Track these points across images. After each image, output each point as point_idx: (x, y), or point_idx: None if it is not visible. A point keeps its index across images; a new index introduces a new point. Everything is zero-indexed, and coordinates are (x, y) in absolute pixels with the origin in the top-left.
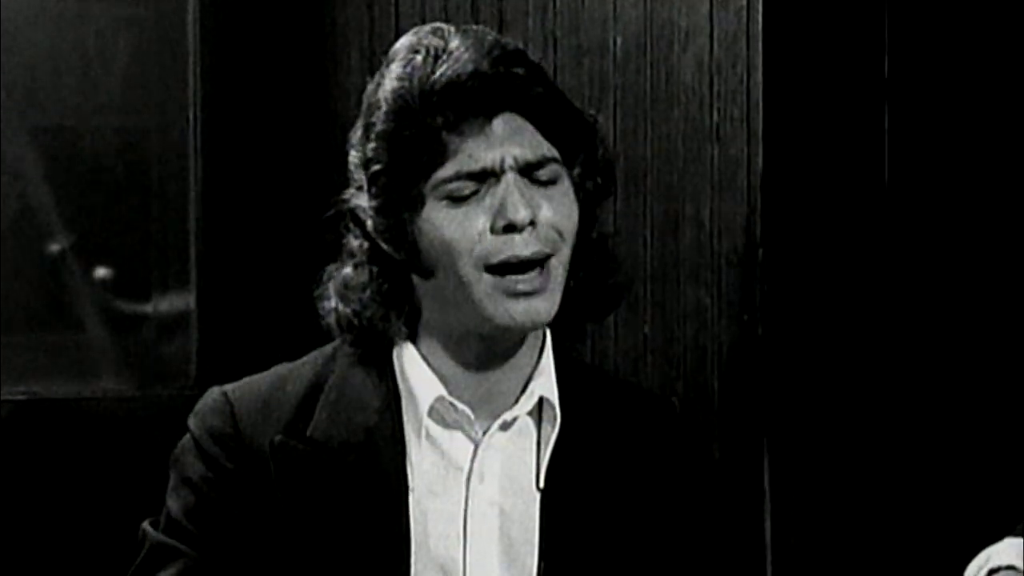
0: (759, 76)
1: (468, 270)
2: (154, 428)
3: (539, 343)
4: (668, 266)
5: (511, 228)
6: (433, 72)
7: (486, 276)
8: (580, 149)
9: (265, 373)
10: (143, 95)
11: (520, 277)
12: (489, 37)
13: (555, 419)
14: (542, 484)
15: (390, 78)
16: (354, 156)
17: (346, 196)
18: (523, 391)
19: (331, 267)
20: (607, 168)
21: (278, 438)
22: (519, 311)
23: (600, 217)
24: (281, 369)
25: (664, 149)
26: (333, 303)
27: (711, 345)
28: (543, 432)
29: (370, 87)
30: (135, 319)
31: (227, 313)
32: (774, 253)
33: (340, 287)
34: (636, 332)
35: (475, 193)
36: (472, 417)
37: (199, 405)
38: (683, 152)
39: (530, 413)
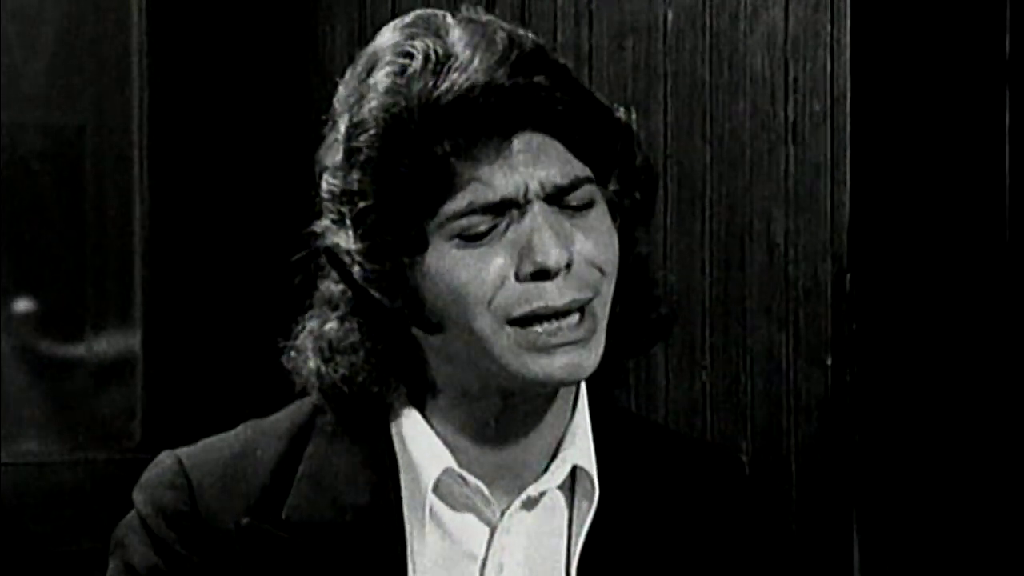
0: (846, 59)
1: (485, 323)
2: (89, 502)
3: (571, 396)
4: (732, 297)
5: (542, 275)
6: (435, 85)
7: (508, 329)
8: (615, 161)
9: (229, 434)
10: (75, 85)
11: (553, 327)
12: (500, 33)
13: (592, 492)
14: (575, 574)
15: (376, 91)
16: (330, 184)
17: (318, 229)
18: (552, 458)
19: (307, 319)
20: (648, 179)
21: (245, 520)
22: (556, 366)
23: (639, 237)
24: (249, 429)
25: (726, 152)
26: (313, 364)
27: (786, 396)
28: (577, 509)
29: (345, 93)
30: (65, 365)
31: (180, 358)
32: (865, 280)
33: (322, 347)
34: (692, 380)
35: (493, 229)
36: (487, 493)
37: (147, 475)
38: (750, 155)
39: (561, 486)
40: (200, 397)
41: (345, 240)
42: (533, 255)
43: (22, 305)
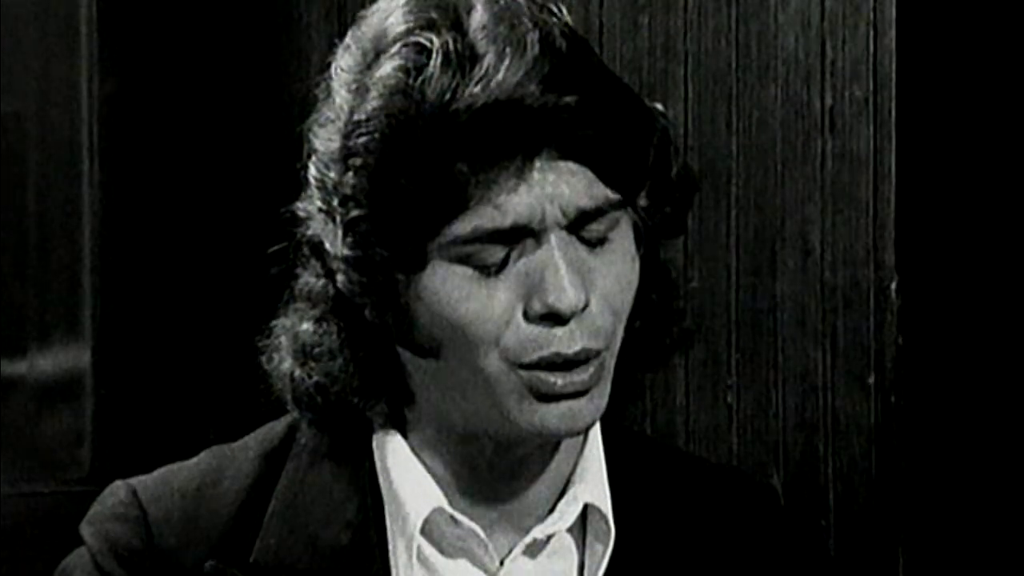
0: (890, 38)
1: (492, 363)
2: (31, 539)
3: None
4: (762, 308)
5: (554, 318)
6: (454, 94)
7: (516, 373)
8: (648, 177)
9: (190, 462)
10: (19, 72)
11: (561, 376)
12: (531, 31)
13: (608, 533)
14: None
15: (382, 87)
16: (322, 172)
17: (301, 212)
18: (560, 496)
19: (284, 314)
20: (683, 192)
21: (209, 563)
22: (555, 416)
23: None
24: (213, 457)
25: (755, 144)
26: (288, 366)
27: (823, 420)
28: (589, 552)
29: (345, 71)
30: (4, 385)
31: (134, 377)
32: (913, 289)
33: (296, 349)
34: (716, 401)
35: (503, 258)
36: (483, 537)
37: (96, 507)
38: (782, 148)
39: (570, 528)
40: (157, 421)
41: (332, 241)
42: (546, 295)
43: None
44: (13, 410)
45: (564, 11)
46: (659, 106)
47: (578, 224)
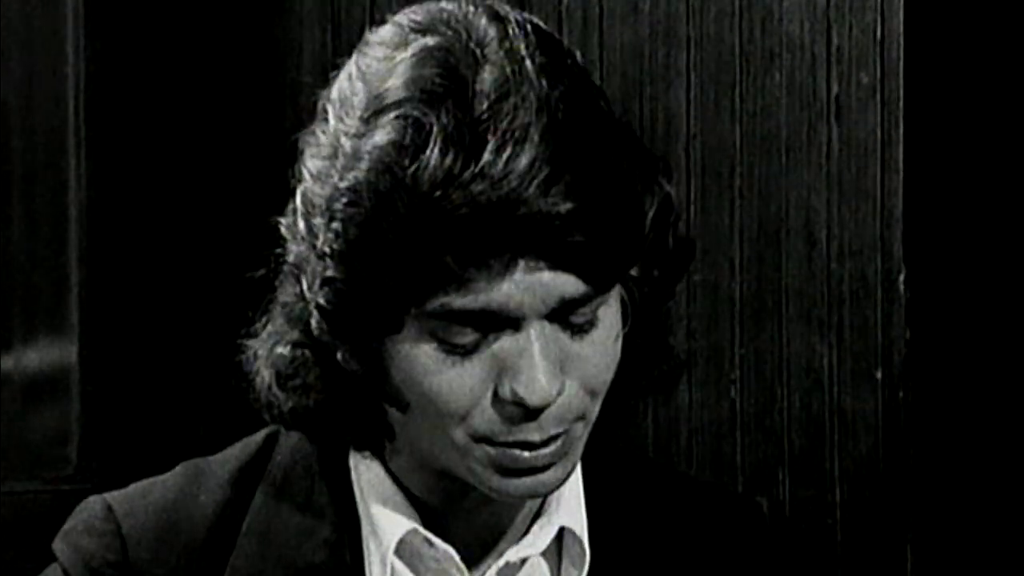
0: (897, 25)
1: (456, 433)
2: (15, 540)
3: None
4: (766, 301)
5: (525, 411)
6: (452, 182)
7: (481, 446)
8: (644, 249)
9: (165, 476)
10: (2, 60)
11: (528, 453)
12: (533, 127)
13: (583, 557)
14: None
15: (375, 154)
16: (306, 206)
17: (286, 231)
18: (535, 519)
19: (266, 322)
20: (678, 261)
21: None
22: (520, 486)
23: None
24: (189, 471)
25: (760, 133)
26: (265, 381)
27: (829, 416)
28: (563, 575)
29: (340, 127)
30: None
31: (122, 373)
32: (921, 281)
33: (272, 368)
34: (719, 397)
35: (477, 340)
36: (458, 560)
37: (70, 522)
38: (787, 137)
39: (546, 551)
40: (145, 418)
41: (309, 281)
42: (517, 385)
43: None
44: None
45: (576, 57)
46: (662, 177)
47: (562, 312)
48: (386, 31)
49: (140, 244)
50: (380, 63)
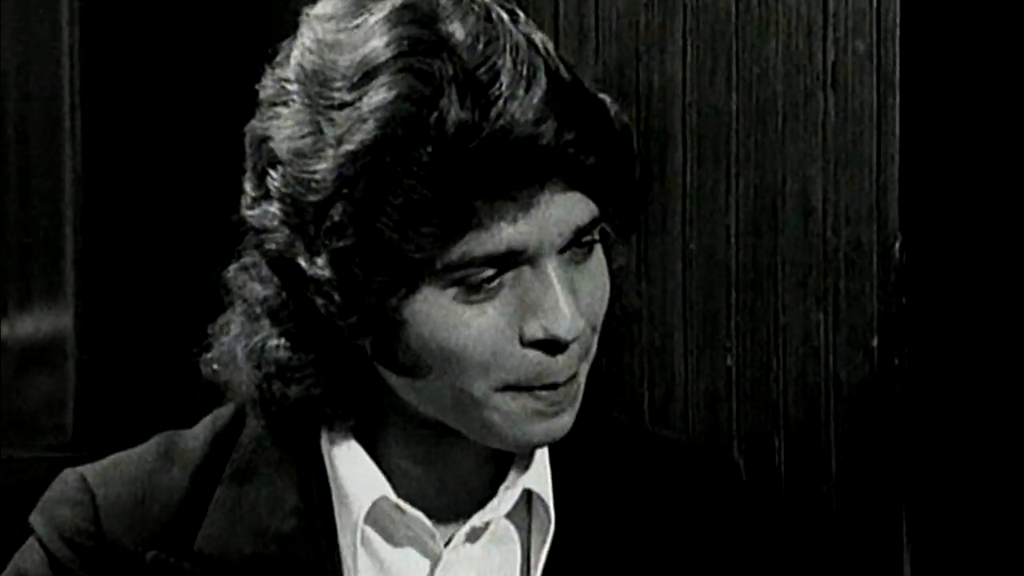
0: None
1: (478, 386)
2: (11, 507)
3: None
4: (762, 269)
5: (552, 345)
6: (476, 126)
7: (503, 395)
8: (635, 166)
9: (140, 448)
10: None
11: (548, 397)
12: (540, 70)
13: (548, 521)
14: None
15: (380, 112)
16: (292, 190)
17: (255, 223)
18: (501, 483)
19: (231, 322)
20: (640, 190)
21: (151, 553)
22: (538, 432)
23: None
24: (163, 443)
25: (755, 100)
26: (252, 377)
27: (825, 383)
28: (534, 538)
29: (320, 102)
30: None
31: (118, 340)
32: (918, 249)
33: (261, 361)
34: (715, 364)
35: (494, 279)
36: (428, 524)
37: (47, 494)
38: (783, 104)
39: (512, 513)
40: (140, 386)
41: (309, 262)
42: (546, 322)
43: None
44: None
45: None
46: (607, 98)
47: (571, 243)
48: (330, 5)
49: (135, 212)
50: (347, 32)
